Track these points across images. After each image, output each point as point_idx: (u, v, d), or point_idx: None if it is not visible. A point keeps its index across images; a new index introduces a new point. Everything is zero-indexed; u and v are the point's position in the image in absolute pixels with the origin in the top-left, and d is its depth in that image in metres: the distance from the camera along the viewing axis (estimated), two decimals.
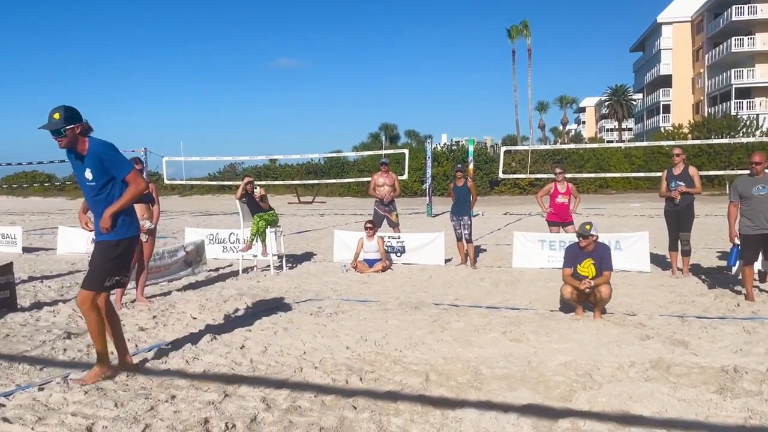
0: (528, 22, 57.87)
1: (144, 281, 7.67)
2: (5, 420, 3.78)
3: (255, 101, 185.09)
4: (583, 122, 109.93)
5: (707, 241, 12.82)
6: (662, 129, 54.69)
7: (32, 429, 3.68)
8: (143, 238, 7.41)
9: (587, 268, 6.62)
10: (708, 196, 28.07)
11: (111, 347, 4.75)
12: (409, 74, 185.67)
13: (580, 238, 6.65)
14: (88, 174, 4.48)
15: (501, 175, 27.65)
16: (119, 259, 4.62)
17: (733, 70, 53.38)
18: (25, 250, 13.56)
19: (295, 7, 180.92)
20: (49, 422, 3.78)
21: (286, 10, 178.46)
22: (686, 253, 9.01)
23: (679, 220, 8.89)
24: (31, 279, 9.48)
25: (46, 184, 46.68)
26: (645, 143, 40.44)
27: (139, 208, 7.35)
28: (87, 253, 11.73)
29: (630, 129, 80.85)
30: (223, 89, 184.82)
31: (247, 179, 10.13)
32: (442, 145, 48.88)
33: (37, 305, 7.42)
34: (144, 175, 7.55)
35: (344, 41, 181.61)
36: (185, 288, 8.66)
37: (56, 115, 4.35)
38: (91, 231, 4.81)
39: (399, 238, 11.16)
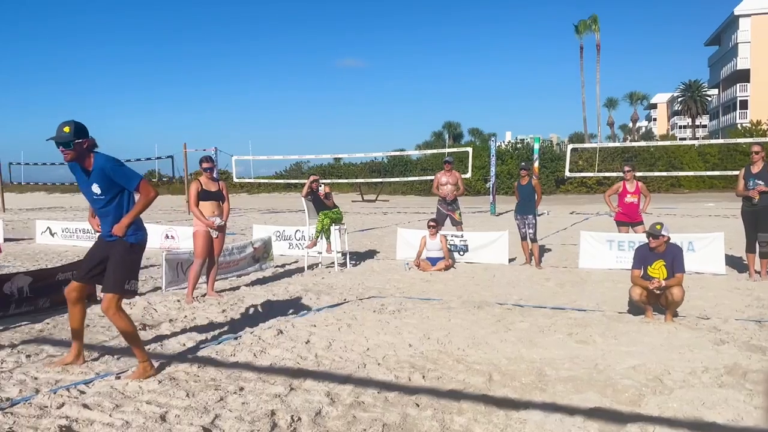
0: (597, 17, 56.25)
1: (214, 276, 7.91)
2: (85, 406, 3.99)
3: (321, 100, 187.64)
4: (655, 119, 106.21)
5: None
6: (739, 126, 52.29)
7: (110, 416, 3.86)
8: (213, 234, 7.65)
9: (658, 269, 6.42)
10: None
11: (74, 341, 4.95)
12: (472, 72, 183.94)
13: (651, 239, 6.45)
14: (96, 188, 4.63)
15: (567, 174, 27.05)
16: (136, 262, 4.78)
17: None
18: None
19: (359, 6, 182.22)
20: (126, 409, 3.96)
21: (351, 10, 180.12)
22: (764, 255, 8.60)
23: (757, 220, 8.49)
24: None
25: None
26: (720, 140, 38.71)
27: (209, 206, 7.63)
28: (161, 248, 12.20)
29: (704, 126, 77.64)
30: (290, 89, 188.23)
31: (312, 177, 10.30)
32: (506, 143, 48.21)
33: None
34: (215, 174, 7.81)
35: (408, 40, 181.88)
36: (253, 283, 8.89)
37: (66, 129, 4.46)
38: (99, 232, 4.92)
39: (462, 236, 11.10)
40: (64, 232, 14.72)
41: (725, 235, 9.61)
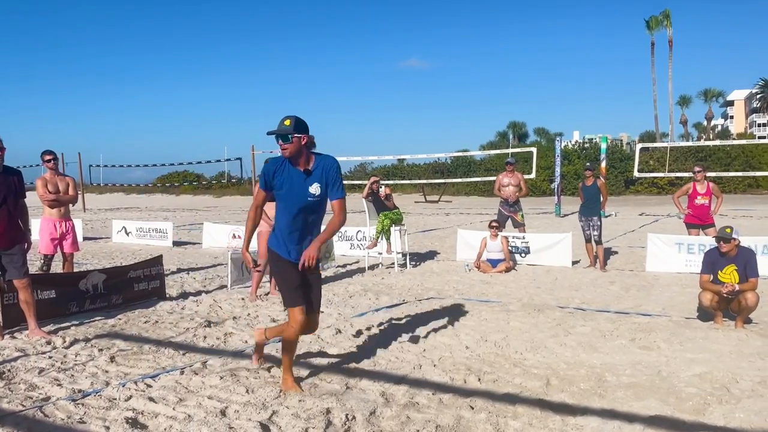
0: (669, 12, 54.25)
1: None
2: (151, 399, 4.17)
3: (385, 102, 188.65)
4: (731, 117, 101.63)
5: None
6: None
7: (173, 409, 4.02)
8: None
9: (729, 274, 6.16)
10: None
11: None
12: (539, 70, 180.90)
13: (721, 243, 6.20)
14: (316, 189, 4.25)
15: (636, 174, 26.23)
16: None
17: None
18: (175, 243, 14.75)
19: (422, 6, 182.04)
20: (189, 404, 4.12)
21: (413, 11, 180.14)
22: None
23: None
24: (179, 270, 10.31)
25: (195, 183, 50.31)
26: None
27: (274, 207, 7.80)
28: (228, 247, 12.57)
29: None
30: (355, 90, 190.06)
31: (373, 179, 10.39)
32: (573, 142, 47.09)
33: (183, 295, 8.07)
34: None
35: (472, 39, 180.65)
36: None
37: (287, 122, 4.20)
38: (256, 270, 4.74)
39: (524, 238, 10.95)
40: (138, 231, 15.37)
41: None
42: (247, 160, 29.81)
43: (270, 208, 7.71)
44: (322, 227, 4.46)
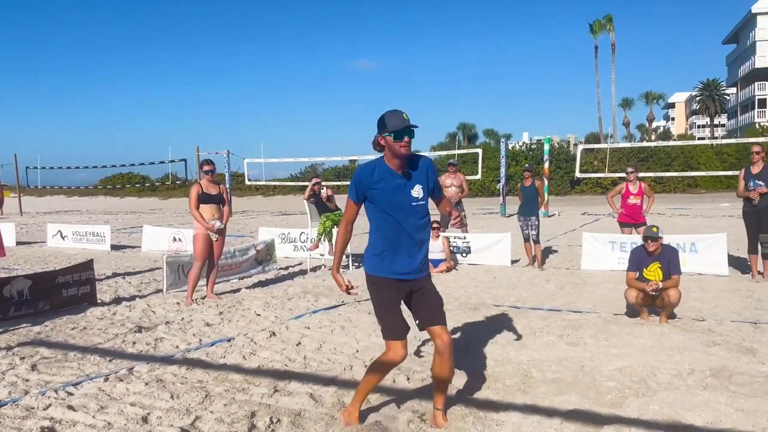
0: (612, 16, 55.79)
1: (214, 278, 7.99)
2: (70, 408, 4.06)
3: (334, 102, 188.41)
4: (672, 119, 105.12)
5: None
6: (757, 125, 51.57)
7: (93, 417, 3.93)
8: (213, 237, 7.73)
9: (654, 272, 6.38)
10: None
11: None
12: (489, 73, 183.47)
13: (648, 241, 6.42)
14: (419, 191, 3.74)
15: (578, 174, 26.89)
16: None
17: None
18: (114, 247, 14.39)
19: (371, 7, 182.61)
20: (110, 411, 4.03)
21: (362, 12, 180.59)
22: (766, 256, 8.50)
23: (759, 220, 8.40)
24: (114, 275, 10.06)
25: (139, 185, 49.18)
26: (737, 140, 38.22)
27: (209, 209, 7.71)
28: (167, 251, 12.34)
29: (723, 125, 76.68)
30: (303, 90, 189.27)
31: (314, 180, 10.36)
32: (520, 143, 48.00)
33: (116, 300, 7.89)
34: (223, 177, 7.90)
35: (421, 40, 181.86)
36: (254, 285, 8.96)
37: (406, 116, 3.62)
38: (353, 292, 4.01)
39: (465, 238, 11.10)
40: (74, 235, 14.93)
41: (735, 236, 9.54)
42: (192, 161, 29.30)
43: (203, 210, 7.64)
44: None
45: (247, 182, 33.37)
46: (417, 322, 3.93)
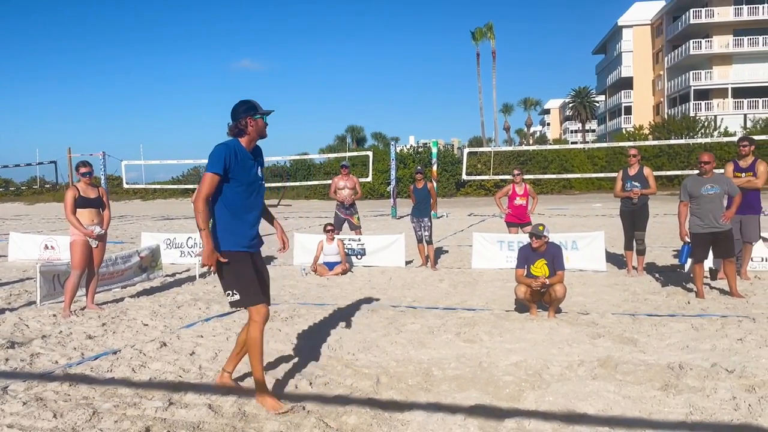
0: (492, 24, 58.23)
1: (95, 288, 7.49)
2: None
3: (218, 102, 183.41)
4: (548, 124, 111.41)
5: (663, 240, 13.06)
6: (624, 130, 55.68)
7: None
8: (93, 244, 7.24)
9: (540, 268, 6.67)
10: (668, 196, 28.66)
11: None
12: (376, 76, 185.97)
13: (533, 239, 6.70)
14: (260, 172, 4.32)
15: (465, 177, 27.80)
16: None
17: (691, 72, 54.65)
18: None
19: (255, 8, 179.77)
20: None
21: (246, 10, 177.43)
22: (641, 252, 9.15)
23: (634, 219, 9.03)
24: None
25: (2, 190, 45.47)
26: (607, 144, 41.12)
27: (88, 213, 7.23)
28: (39, 260, 11.44)
29: (593, 130, 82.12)
30: (184, 91, 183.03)
31: None
32: (408, 147, 48.88)
33: None
34: (99, 180, 7.41)
35: (308, 42, 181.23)
36: (139, 294, 8.48)
37: None
38: None
39: (359, 240, 11.12)
40: None
41: (609, 234, 10.16)
42: (63, 163, 27.44)
43: (81, 215, 7.14)
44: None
45: (125, 185, 31.74)
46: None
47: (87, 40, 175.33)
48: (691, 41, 54.21)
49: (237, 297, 4.19)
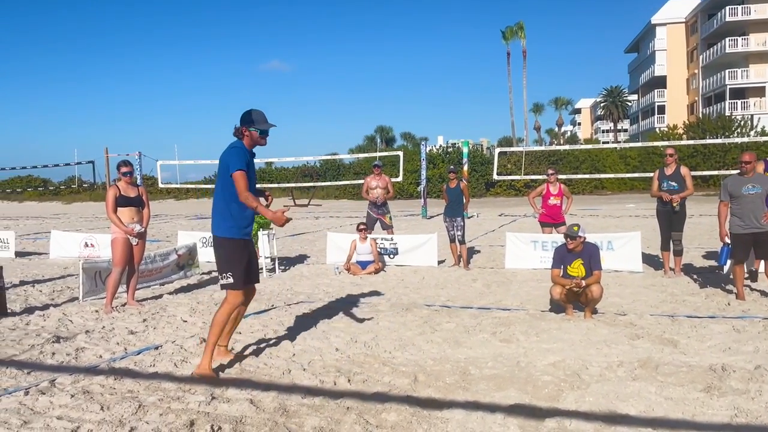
0: (523, 24, 57.91)
1: (135, 284, 7.65)
2: None
3: (248, 104, 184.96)
4: (579, 124, 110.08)
5: (700, 240, 12.86)
6: (657, 130, 54.78)
7: None
8: (133, 241, 7.40)
9: (577, 268, 6.62)
10: (703, 196, 28.16)
11: None
12: (404, 76, 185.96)
13: (568, 240, 6.65)
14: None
15: (495, 177, 27.66)
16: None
17: (727, 71, 53.56)
18: (18, 254, 13.53)
19: (284, 8, 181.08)
20: (35, 426, 3.76)
21: (275, 12, 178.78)
22: (678, 253, 9.02)
23: (671, 219, 8.90)
24: (22, 283, 9.44)
25: (41, 189, 46.54)
26: (640, 144, 40.51)
27: (128, 212, 7.39)
28: (80, 257, 11.72)
29: (625, 130, 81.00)
30: (216, 92, 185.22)
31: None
32: (437, 147, 48.80)
33: (28, 309, 7.40)
34: (136, 179, 7.57)
35: (336, 43, 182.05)
36: (177, 291, 8.64)
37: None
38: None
39: (392, 239, 11.15)
40: None
41: (643, 235, 10.04)
42: (100, 163, 28.01)
43: (122, 214, 7.30)
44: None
45: (160, 185, 32.25)
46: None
47: (124, 44, 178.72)
48: (727, 39, 53.10)
49: (231, 280, 4.80)
